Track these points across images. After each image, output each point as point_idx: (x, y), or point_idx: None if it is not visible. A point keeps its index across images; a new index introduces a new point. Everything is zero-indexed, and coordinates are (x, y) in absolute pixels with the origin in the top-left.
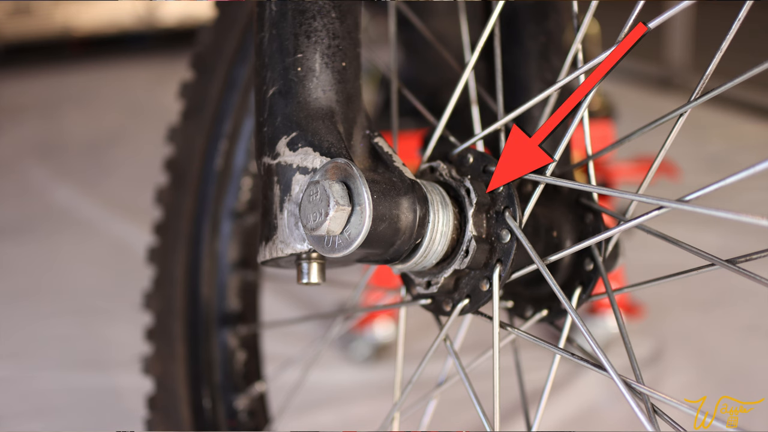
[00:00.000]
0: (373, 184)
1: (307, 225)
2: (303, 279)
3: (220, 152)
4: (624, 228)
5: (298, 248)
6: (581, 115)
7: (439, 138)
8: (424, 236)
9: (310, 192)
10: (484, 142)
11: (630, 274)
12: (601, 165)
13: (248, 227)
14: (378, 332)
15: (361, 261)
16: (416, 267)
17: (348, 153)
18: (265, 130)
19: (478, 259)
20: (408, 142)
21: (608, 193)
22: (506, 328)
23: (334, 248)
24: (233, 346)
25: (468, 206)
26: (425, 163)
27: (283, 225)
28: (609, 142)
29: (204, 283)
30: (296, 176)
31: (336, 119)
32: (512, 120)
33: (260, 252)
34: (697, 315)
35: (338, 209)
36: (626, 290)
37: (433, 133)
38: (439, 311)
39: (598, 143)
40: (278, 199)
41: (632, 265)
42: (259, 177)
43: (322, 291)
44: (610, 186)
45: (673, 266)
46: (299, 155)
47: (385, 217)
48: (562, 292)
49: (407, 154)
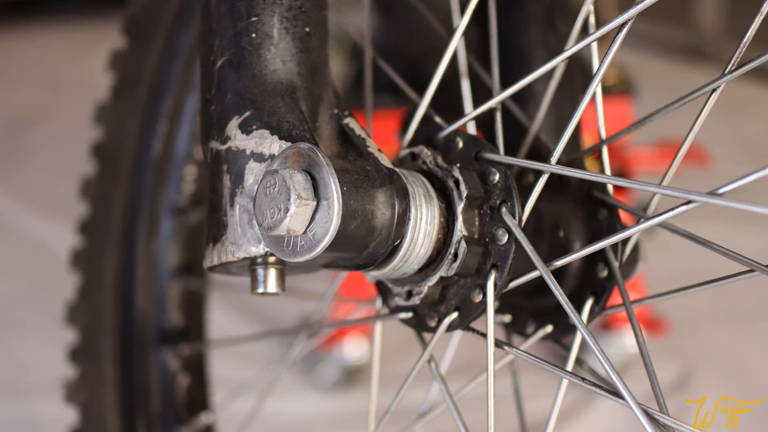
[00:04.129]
0: (342, 174)
1: (263, 223)
2: (258, 288)
3: (158, 135)
4: (645, 227)
5: (253, 251)
6: (593, 90)
7: (422, 118)
8: (404, 236)
9: (267, 183)
10: (476, 123)
11: (652, 283)
12: (617, 151)
13: (192, 226)
14: (348, 352)
15: (329, 267)
16: (395, 274)
17: (312, 136)
18: (213, 109)
19: (469, 264)
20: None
21: (626, 184)
22: (503, 347)
23: (296, 251)
24: (174, 368)
25: (457, 200)
26: (405, 148)
27: (235, 223)
28: (627, 123)
29: (139, 293)
30: (250, 164)
31: (298, 96)
32: (510, 97)
33: (207, 256)
34: (731, 331)
35: (300, 204)
36: (647, 302)
37: (415, 113)
38: (423, 327)
39: (613, 125)
40: (228, 191)
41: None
42: (205, 165)
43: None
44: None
45: (704, 273)
46: (253, 139)
47: (357, 214)
48: (571, 303)
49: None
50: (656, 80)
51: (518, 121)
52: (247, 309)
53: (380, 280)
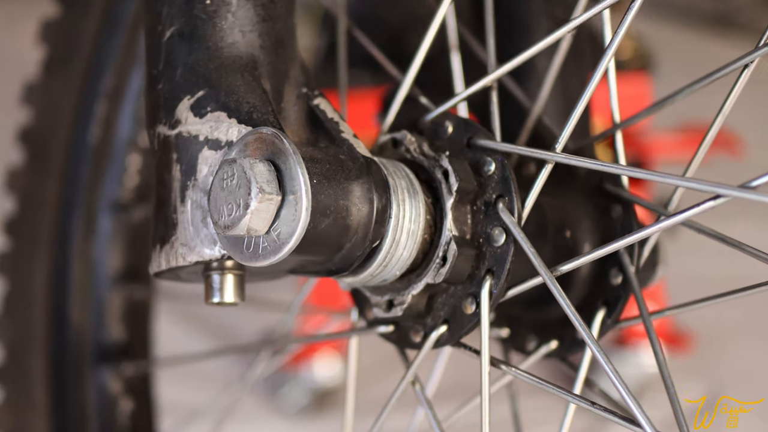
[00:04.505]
0: (312, 164)
1: (219, 221)
2: (214, 297)
3: (96, 118)
4: (666, 225)
5: (207, 254)
6: (605, 66)
7: (405, 99)
8: (384, 237)
9: (224, 174)
10: (469, 104)
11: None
12: (633, 137)
13: (136, 224)
14: (319, 372)
15: (296, 272)
16: (373, 280)
17: (277, 119)
18: (160, 88)
19: (460, 269)
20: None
21: (643, 176)
22: (500, 366)
23: (258, 254)
24: (116, 391)
25: (446, 194)
26: (386, 133)
27: (186, 221)
28: (645, 104)
29: (74, 303)
30: (204, 152)
31: (260, 72)
32: (508, 74)
33: (153, 259)
34: (765, 347)
35: (263, 199)
36: (668, 313)
37: (397, 92)
38: (406, 343)
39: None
40: (179, 184)
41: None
42: (151, 153)
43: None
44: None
45: (734, 279)
46: (208, 123)
47: (329, 210)
48: (579, 315)
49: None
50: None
51: (518, 103)
52: (201, 322)
53: (356, 288)
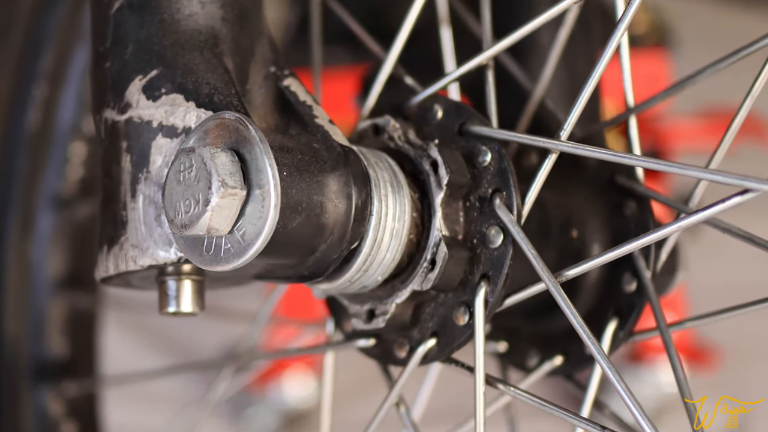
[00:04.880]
0: (281, 154)
1: (175, 219)
2: (169, 307)
3: (34, 102)
4: (687, 224)
5: (161, 257)
6: (617, 41)
7: (388, 79)
8: (365, 237)
9: (181, 166)
10: (461, 85)
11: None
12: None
13: (81, 223)
14: (289, 392)
15: (263, 278)
16: (352, 287)
17: (241, 103)
18: (108, 67)
19: (450, 274)
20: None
21: (661, 167)
22: (496, 385)
23: (219, 257)
24: (57, 413)
25: (435, 189)
26: (366, 119)
27: (137, 219)
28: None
29: (8, 313)
30: (158, 140)
31: (222, 49)
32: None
33: (100, 263)
34: None
35: (225, 194)
36: (689, 325)
37: (379, 72)
38: (389, 358)
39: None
40: (129, 177)
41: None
42: (98, 142)
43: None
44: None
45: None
46: (162, 107)
47: (300, 207)
48: (587, 327)
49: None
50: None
51: (517, 84)
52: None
53: (332, 297)
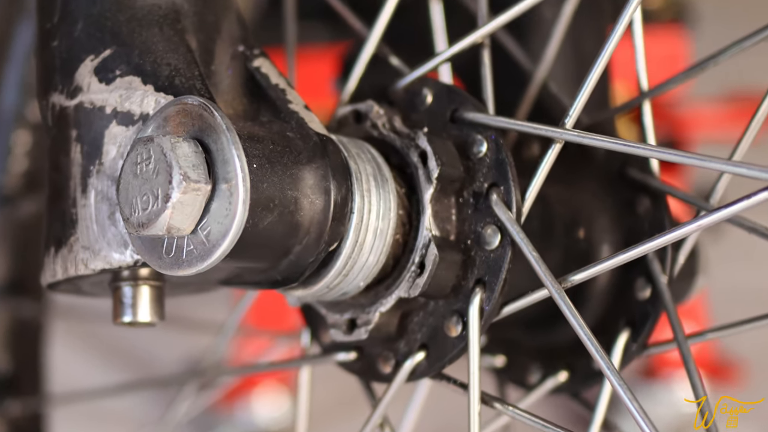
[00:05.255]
0: (251, 144)
1: (131, 218)
2: (125, 316)
3: None
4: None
5: (116, 260)
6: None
7: (372, 59)
8: (345, 238)
9: (138, 157)
10: (454, 66)
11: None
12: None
13: (24, 221)
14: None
15: (230, 283)
16: (330, 294)
17: (206, 86)
18: (56, 46)
19: (442, 279)
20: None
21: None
22: (493, 404)
23: (181, 259)
24: None
25: (424, 183)
26: (346, 104)
27: (89, 218)
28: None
29: None
30: (112, 129)
31: (184, 25)
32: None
33: (47, 266)
34: None
35: (187, 189)
36: (710, 336)
37: (360, 51)
38: (372, 374)
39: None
40: (79, 170)
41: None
42: (44, 130)
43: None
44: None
45: None
46: (117, 90)
47: (272, 203)
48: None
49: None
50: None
51: (517, 65)
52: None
53: (308, 304)
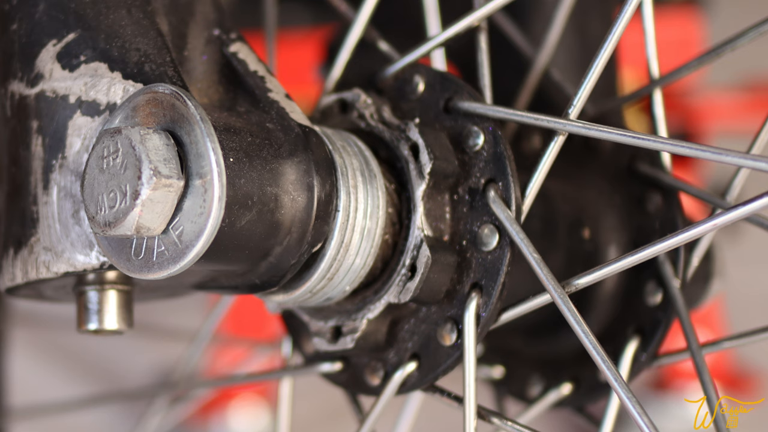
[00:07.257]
0: (227, 136)
1: (97, 216)
2: (90, 323)
3: None
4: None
5: (80, 262)
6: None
7: (358, 44)
8: (329, 238)
9: (104, 151)
10: (448, 52)
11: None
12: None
13: None
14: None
15: (205, 288)
16: (314, 299)
17: (178, 73)
18: (14, 30)
19: (434, 283)
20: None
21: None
22: (490, 419)
23: (151, 262)
24: None
25: (415, 179)
26: (331, 93)
27: (50, 216)
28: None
29: None
30: (76, 119)
31: (155, 7)
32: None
33: (5, 269)
34: None
35: (158, 185)
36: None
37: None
38: (359, 386)
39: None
40: (41, 164)
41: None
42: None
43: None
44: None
45: None
46: (82, 78)
47: (251, 201)
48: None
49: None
50: None
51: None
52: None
53: (289, 311)
